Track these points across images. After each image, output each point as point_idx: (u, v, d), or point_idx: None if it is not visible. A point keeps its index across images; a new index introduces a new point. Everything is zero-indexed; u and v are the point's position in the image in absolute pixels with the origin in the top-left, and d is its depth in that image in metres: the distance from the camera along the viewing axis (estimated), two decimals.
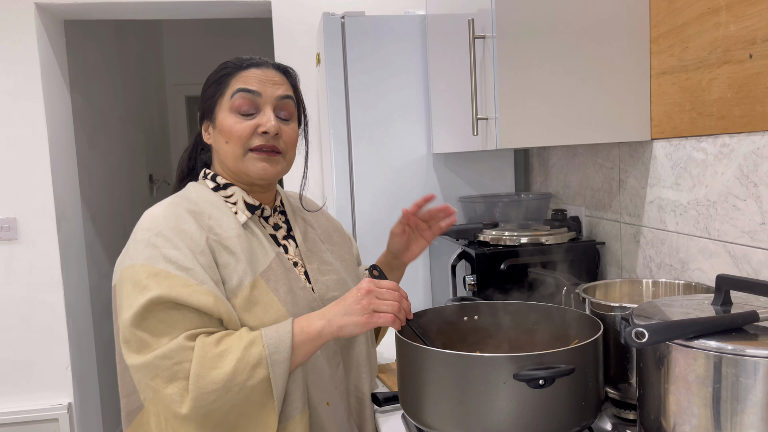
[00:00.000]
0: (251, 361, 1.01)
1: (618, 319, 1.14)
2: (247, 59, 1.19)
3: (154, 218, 1.10)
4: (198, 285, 1.03)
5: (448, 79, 1.79)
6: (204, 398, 0.99)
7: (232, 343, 1.02)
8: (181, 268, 1.03)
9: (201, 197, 1.16)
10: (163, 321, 1.02)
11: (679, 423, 0.84)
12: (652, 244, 1.49)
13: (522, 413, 0.97)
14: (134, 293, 1.03)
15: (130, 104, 4.02)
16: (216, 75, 1.18)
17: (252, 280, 1.10)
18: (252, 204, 1.19)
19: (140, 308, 1.01)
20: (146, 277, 1.03)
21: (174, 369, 1.00)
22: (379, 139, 2.06)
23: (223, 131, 1.14)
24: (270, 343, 1.03)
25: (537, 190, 2.18)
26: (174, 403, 1.00)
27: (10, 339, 2.64)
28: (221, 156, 1.18)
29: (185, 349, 1.00)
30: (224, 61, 1.20)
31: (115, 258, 2.69)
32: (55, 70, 2.71)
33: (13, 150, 2.56)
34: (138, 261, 1.05)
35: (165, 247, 1.05)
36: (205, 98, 1.19)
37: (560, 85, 1.41)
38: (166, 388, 1.00)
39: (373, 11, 2.56)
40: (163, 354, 1.00)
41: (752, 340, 0.80)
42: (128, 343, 1.03)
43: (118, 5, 2.55)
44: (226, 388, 1.00)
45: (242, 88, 1.13)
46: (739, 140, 1.19)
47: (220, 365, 1.00)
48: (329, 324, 1.05)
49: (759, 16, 1.12)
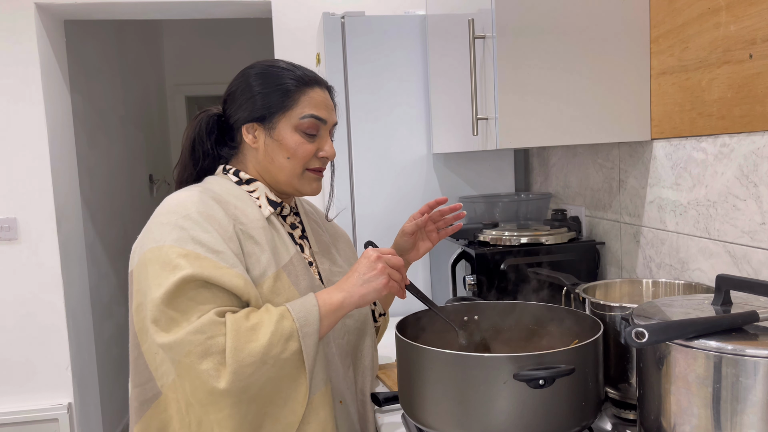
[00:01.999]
0: (284, 333, 1.02)
1: (618, 319, 1.14)
2: (311, 75, 1.20)
3: (180, 202, 1.09)
4: (229, 268, 1.04)
5: (448, 79, 1.79)
6: (243, 371, 0.99)
7: (262, 316, 1.03)
8: (211, 251, 1.04)
9: (224, 189, 1.16)
10: (193, 299, 1.02)
11: (679, 423, 0.84)
12: (652, 244, 1.49)
13: (522, 413, 0.97)
14: (164, 272, 1.02)
15: (130, 104, 4.02)
16: (278, 81, 1.17)
17: (275, 271, 1.11)
18: (274, 201, 1.20)
19: (172, 286, 1.00)
20: (176, 257, 1.02)
21: (207, 344, 0.99)
22: (379, 139, 2.06)
23: (287, 147, 1.17)
24: (299, 316, 1.04)
25: (537, 190, 2.18)
26: (211, 378, 0.99)
27: (11, 339, 2.64)
28: (275, 166, 1.18)
29: (217, 324, 1.00)
30: (282, 66, 1.19)
31: (115, 258, 2.70)
32: (55, 70, 2.71)
33: (13, 150, 2.56)
34: (166, 242, 1.04)
35: (194, 230, 1.05)
36: (264, 102, 1.17)
37: (560, 85, 1.41)
38: (201, 364, 0.99)
39: (373, 11, 2.56)
40: (196, 329, 0.99)
41: (752, 340, 0.80)
42: (157, 322, 1.02)
43: (118, 5, 2.55)
44: (263, 360, 1.00)
45: (314, 115, 1.17)
46: (739, 140, 1.19)
47: (254, 338, 1.00)
48: (350, 295, 1.08)
49: (759, 16, 1.12)
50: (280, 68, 1.18)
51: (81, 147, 3.07)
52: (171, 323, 1.01)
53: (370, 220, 2.07)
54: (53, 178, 2.61)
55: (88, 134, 3.22)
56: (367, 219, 2.07)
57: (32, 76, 2.54)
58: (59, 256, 2.63)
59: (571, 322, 1.20)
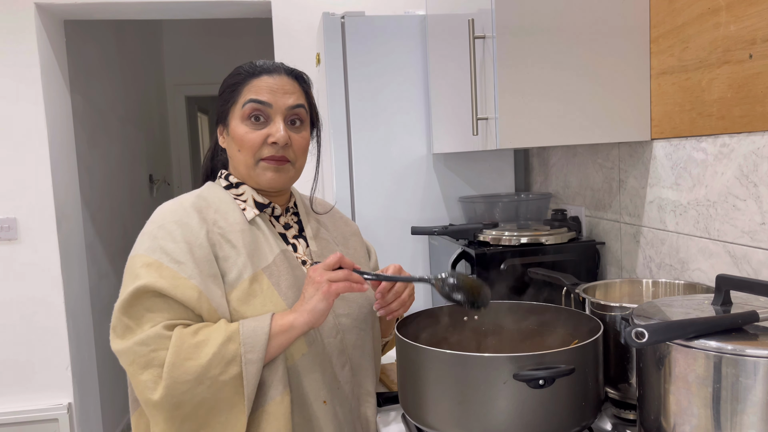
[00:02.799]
0: (227, 357, 1.03)
1: (618, 319, 1.14)
2: (260, 65, 1.19)
3: (161, 212, 1.15)
4: (186, 279, 1.06)
5: (448, 79, 1.79)
6: (176, 387, 1.01)
7: (210, 334, 1.04)
8: (173, 261, 1.07)
9: (212, 194, 1.20)
10: (148, 309, 1.06)
11: (679, 423, 0.84)
12: (652, 244, 1.49)
13: (522, 413, 0.97)
14: (128, 281, 1.08)
15: (130, 104, 4.02)
16: (230, 80, 1.20)
17: (252, 273, 1.12)
18: (261, 202, 1.21)
19: (128, 295, 1.05)
20: (140, 266, 1.07)
21: (150, 356, 1.03)
22: (379, 139, 2.06)
23: (236, 139, 1.17)
24: (246, 341, 1.04)
25: (537, 190, 2.18)
26: (147, 389, 1.03)
27: (10, 339, 2.64)
28: (234, 162, 1.22)
29: (162, 338, 1.03)
30: (238, 66, 1.21)
31: (115, 258, 2.71)
32: (55, 70, 2.72)
33: (13, 150, 2.56)
34: (139, 251, 1.10)
35: (164, 239, 1.09)
36: (220, 103, 1.22)
37: (560, 85, 1.41)
38: (142, 374, 1.03)
39: (373, 11, 2.56)
40: (142, 340, 1.03)
41: (752, 340, 0.80)
42: (114, 329, 1.07)
43: (118, 5, 2.55)
44: (199, 380, 1.02)
45: (253, 99, 1.15)
46: (739, 140, 1.19)
47: (195, 356, 1.02)
48: (299, 314, 1.08)
49: (759, 16, 1.12)
50: (239, 67, 1.20)
51: (81, 147, 3.07)
52: (125, 330, 1.06)
53: (370, 220, 2.07)
54: (53, 178, 2.61)
55: (88, 134, 3.22)
56: (367, 219, 2.07)
57: (32, 76, 2.54)
58: (59, 256, 2.63)
59: (571, 322, 1.20)
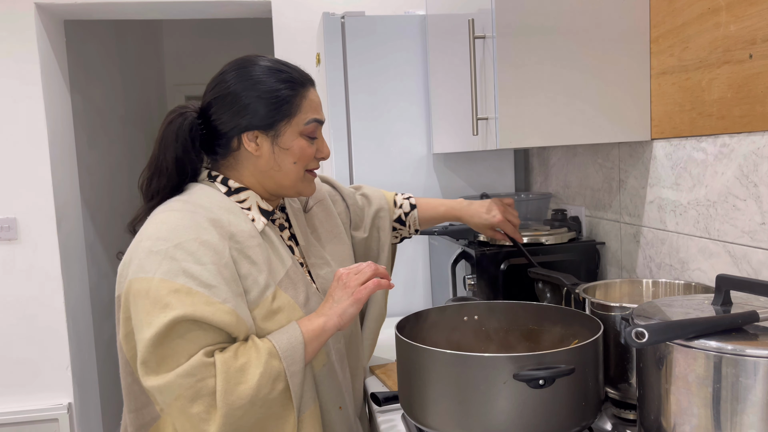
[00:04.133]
0: (272, 374, 1.02)
1: (618, 319, 1.14)
2: (304, 75, 1.17)
3: (172, 227, 1.05)
4: (221, 304, 1.01)
5: (448, 79, 1.79)
6: (233, 414, 0.99)
7: (251, 355, 1.02)
8: (203, 285, 1.00)
9: (214, 203, 1.12)
10: (183, 338, 0.99)
11: (679, 423, 0.84)
12: (652, 244, 1.49)
13: (522, 413, 0.97)
14: (155, 311, 0.99)
15: (130, 104, 4.02)
16: (277, 89, 1.13)
17: (273, 291, 1.10)
18: (266, 209, 1.18)
19: (163, 327, 0.98)
20: (167, 294, 0.99)
21: (198, 386, 0.98)
22: (379, 139, 2.06)
23: (294, 153, 1.15)
24: (286, 355, 1.04)
25: (537, 190, 2.18)
26: (201, 422, 0.98)
27: (11, 339, 2.64)
28: (280, 174, 1.16)
29: (207, 366, 0.99)
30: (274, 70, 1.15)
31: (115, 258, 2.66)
32: (55, 70, 2.71)
33: (13, 150, 2.56)
34: (155, 275, 1.00)
35: (186, 261, 1.01)
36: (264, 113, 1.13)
37: (560, 85, 1.41)
38: (192, 407, 0.98)
39: (373, 11, 2.56)
40: (186, 372, 0.98)
41: (752, 340, 0.80)
42: (146, 364, 0.99)
43: (118, 5, 2.55)
44: (252, 402, 1.00)
45: (317, 119, 1.17)
46: (739, 140, 1.19)
47: (244, 380, 0.99)
48: (329, 318, 1.09)
49: (759, 16, 1.12)
50: (272, 70, 1.14)
51: (81, 147, 3.07)
52: (161, 364, 0.99)
53: None
54: (53, 178, 2.61)
55: (88, 134, 3.22)
56: None
57: (32, 76, 2.54)
58: (59, 256, 2.63)
59: (571, 322, 1.20)
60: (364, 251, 1.50)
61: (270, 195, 1.20)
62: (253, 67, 1.15)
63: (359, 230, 1.49)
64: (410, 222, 1.57)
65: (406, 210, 1.56)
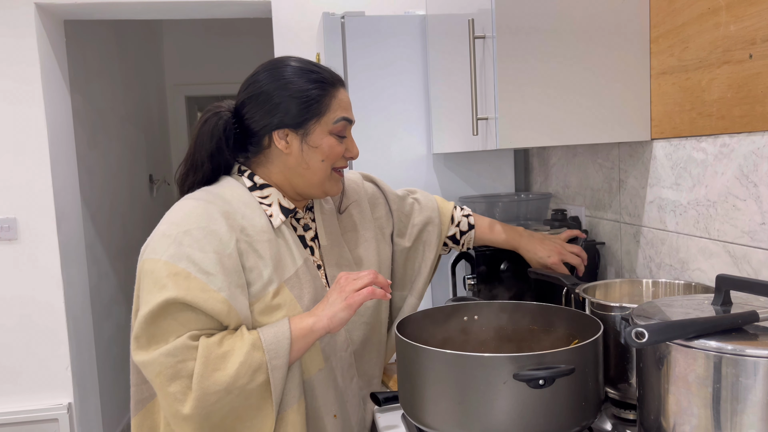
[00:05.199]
0: (253, 365, 1.04)
1: (618, 319, 1.14)
2: (334, 75, 1.21)
3: (186, 214, 1.10)
4: (215, 292, 1.04)
5: (448, 79, 1.79)
6: (206, 399, 1.01)
7: (235, 344, 1.04)
8: (202, 272, 1.04)
9: (235, 196, 1.16)
10: (175, 319, 1.03)
11: (679, 423, 0.84)
12: (652, 244, 1.49)
13: (522, 413, 0.97)
14: (153, 290, 1.04)
15: (130, 104, 4.02)
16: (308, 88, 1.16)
17: (277, 287, 1.12)
18: (287, 207, 1.20)
19: (156, 307, 1.02)
20: (166, 276, 1.04)
21: (177, 367, 1.01)
22: (379, 139, 2.06)
23: (323, 151, 1.18)
24: (270, 348, 1.05)
25: (537, 190, 2.18)
26: (176, 401, 1.01)
27: (10, 339, 2.64)
28: (308, 171, 1.18)
29: (189, 348, 1.02)
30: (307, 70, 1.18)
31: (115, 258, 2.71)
32: (55, 70, 2.71)
33: (13, 150, 2.56)
34: (162, 257, 1.06)
35: (191, 247, 1.06)
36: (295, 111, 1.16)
37: (560, 84, 1.41)
38: (169, 386, 1.01)
39: (373, 11, 2.56)
40: (168, 351, 1.01)
41: (752, 340, 0.80)
42: (138, 339, 1.05)
43: (118, 5, 2.55)
44: (228, 390, 1.02)
45: (346, 118, 1.20)
46: (739, 140, 1.19)
47: (223, 367, 1.02)
48: (319, 319, 1.10)
49: (759, 16, 1.12)
50: (303, 71, 1.18)
51: (81, 147, 3.07)
52: (150, 341, 1.04)
53: None
54: (53, 178, 2.61)
55: (88, 134, 3.22)
56: None
57: (32, 76, 2.54)
58: (59, 256, 2.63)
59: (571, 322, 1.20)
60: (404, 261, 1.46)
61: (297, 194, 1.22)
62: (285, 68, 1.18)
63: (403, 238, 1.45)
64: (465, 241, 1.53)
65: (463, 229, 1.51)
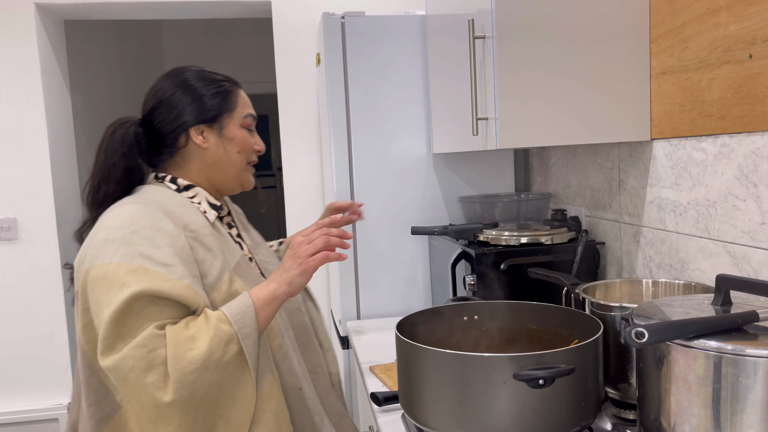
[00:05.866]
0: (224, 338, 1.05)
1: (618, 319, 1.14)
2: (233, 78, 1.30)
3: (128, 217, 1.10)
4: (177, 280, 1.05)
5: (448, 79, 1.79)
6: (185, 379, 1.01)
7: (200, 324, 1.06)
8: (159, 264, 1.05)
9: (166, 198, 1.18)
10: (140, 315, 1.03)
11: (679, 423, 0.84)
12: (652, 244, 1.49)
13: (522, 413, 0.97)
14: (113, 290, 1.03)
15: (130, 104, 4.02)
16: (217, 85, 1.25)
17: (229, 276, 1.16)
18: (215, 204, 1.25)
19: (121, 304, 1.01)
20: (124, 274, 1.03)
21: (150, 357, 1.01)
22: (379, 139, 2.06)
23: (239, 142, 1.26)
24: (236, 319, 1.08)
25: (537, 190, 2.18)
26: (157, 390, 1.01)
27: (10, 339, 2.64)
28: (227, 164, 1.25)
29: (157, 337, 1.02)
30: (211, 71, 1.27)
31: None
32: (55, 70, 2.71)
33: (14, 150, 2.56)
34: (113, 260, 1.05)
35: (142, 245, 1.06)
36: (209, 105, 1.23)
37: (560, 85, 1.41)
38: (146, 377, 1.01)
39: (373, 11, 2.56)
40: (137, 344, 1.01)
41: (752, 340, 0.80)
42: (104, 341, 1.03)
43: (118, 5, 2.55)
44: (204, 366, 1.03)
45: (251, 114, 1.29)
46: (739, 140, 1.19)
47: (194, 346, 1.03)
48: (278, 284, 1.14)
49: (759, 16, 1.12)
50: (205, 73, 1.26)
51: (81, 147, 3.07)
52: (116, 340, 1.02)
53: (369, 220, 2.07)
54: (53, 178, 2.61)
55: (88, 134, 3.22)
56: (367, 219, 2.07)
57: (32, 76, 2.54)
58: (59, 256, 2.63)
59: (571, 322, 1.20)
60: None
61: (215, 192, 1.28)
62: (187, 73, 1.25)
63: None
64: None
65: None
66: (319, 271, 2.64)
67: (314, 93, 2.58)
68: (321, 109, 2.33)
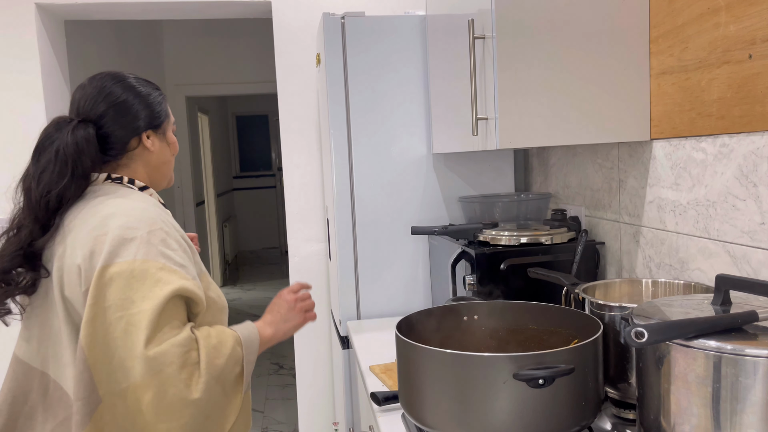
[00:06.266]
0: (236, 357, 1.14)
1: (618, 319, 1.14)
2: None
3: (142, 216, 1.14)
4: (193, 280, 1.13)
5: (448, 79, 1.79)
6: (211, 383, 1.09)
7: (221, 337, 1.14)
8: (178, 264, 1.12)
9: (139, 198, 1.23)
10: (173, 310, 1.09)
11: (679, 423, 0.84)
12: (652, 244, 1.49)
13: (522, 413, 0.97)
14: (146, 286, 1.07)
15: None
16: (159, 94, 1.33)
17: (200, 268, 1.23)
18: (163, 203, 1.31)
19: (164, 299, 1.06)
20: (156, 271, 1.09)
21: (185, 357, 1.07)
22: (379, 139, 2.06)
23: (174, 146, 1.36)
24: (246, 344, 1.17)
25: (537, 190, 2.18)
26: (186, 387, 1.07)
27: (10, 339, 2.64)
28: (166, 166, 1.34)
29: (192, 340, 1.09)
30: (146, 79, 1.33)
31: None
32: (55, 70, 2.72)
33: (14, 150, 2.56)
34: (137, 257, 1.09)
35: (160, 245, 1.12)
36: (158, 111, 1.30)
37: (560, 85, 1.41)
38: (180, 374, 1.06)
39: (373, 11, 2.56)
40: (179, 342, 1.07)
41: (752, 340, 0.81)
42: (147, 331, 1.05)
43: (118, 5, 2.55)
44: (218, 377, 1.11)
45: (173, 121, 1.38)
46: (738, 140, 1.19)
47: (219, 355, 1.11)
48: (277, 331, 1.27)
49: (759, 16, 1.12)
50: (144, 80, 1.32)
51: None
52: (157, 334, 1.07)
53: (369, 220, 2.07)
54: None
55: None
56: (366, 219, 2.07)
57: (33, 76, 2.54)
58: None
59: (571, 322, 1.21)
60: None
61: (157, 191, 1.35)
62: (129, 80, 1.29)
63: None
64: None
65: None
66: (320, 271, 2.64)
67: (314, 93, 2.58)
68: (321, 109, 2.33)
